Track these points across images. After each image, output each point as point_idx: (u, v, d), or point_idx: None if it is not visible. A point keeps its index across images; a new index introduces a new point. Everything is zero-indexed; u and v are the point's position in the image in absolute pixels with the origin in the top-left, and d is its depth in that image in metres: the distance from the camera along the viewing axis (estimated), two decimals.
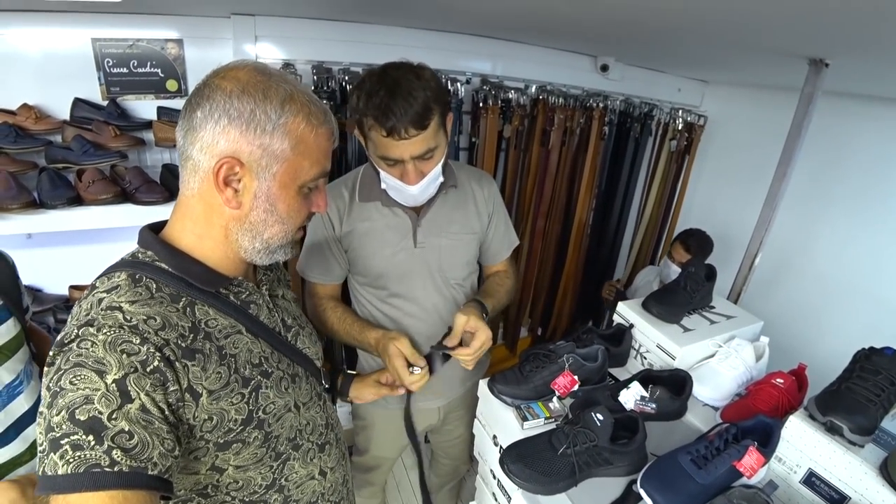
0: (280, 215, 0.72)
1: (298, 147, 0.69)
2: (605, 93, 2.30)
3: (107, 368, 0.57)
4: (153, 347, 0.60)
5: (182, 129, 0.68)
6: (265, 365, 0.76)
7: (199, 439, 0.67)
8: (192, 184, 0.69)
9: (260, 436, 0.74)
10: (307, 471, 0.86)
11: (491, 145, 2.08)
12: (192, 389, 0.64)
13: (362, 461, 1.62)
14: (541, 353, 1.15)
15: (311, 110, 0.70)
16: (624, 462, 0.95)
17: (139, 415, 0.57)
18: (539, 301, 2.60)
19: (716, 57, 1.86)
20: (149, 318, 0.63)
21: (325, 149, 0.74)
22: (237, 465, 0.74)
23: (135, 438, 0.56)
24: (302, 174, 0.71)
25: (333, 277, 1.30)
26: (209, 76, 0.68)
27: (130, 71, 1.71)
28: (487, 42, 2.02)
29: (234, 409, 0.70)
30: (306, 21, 1.75)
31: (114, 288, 0.65)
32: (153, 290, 0.67)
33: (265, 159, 0.67)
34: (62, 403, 0.55)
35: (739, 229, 1.99)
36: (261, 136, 0.66)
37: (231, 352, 0.71)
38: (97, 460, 0.53)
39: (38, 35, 1.57)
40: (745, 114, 2.55)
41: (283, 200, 0.71)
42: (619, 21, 1.40)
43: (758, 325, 1.37)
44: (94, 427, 0.54)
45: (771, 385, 1.13)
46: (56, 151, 1.59)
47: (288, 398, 0.80)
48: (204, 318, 0.70)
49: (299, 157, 0.70)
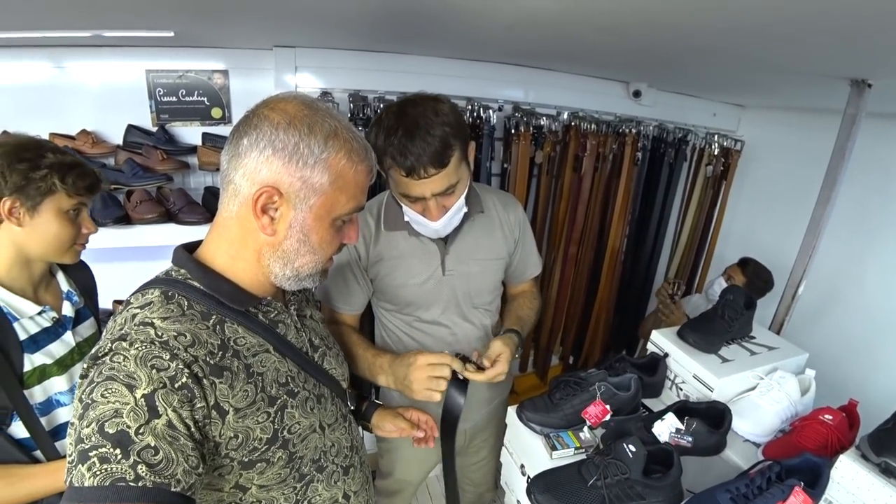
0: (312, 245, 0.73)
1: (337, 182, 0.70)
2: (638, 118, 2.29)
3: (137, 383, 0.58)
4: (182, 364, 0.61)
5: (227, 154, 0.70)
6: (291, 384, 0.76)
7: (224, 457, 0.68)
8: (232, 207, 0.71)
9: (284, 456, 0.74)
10: (331, 493, 0.85)
11: (523, 171, 2.09)
12: (219, 407, 0.65)
13: (386, 485, 1.60)
14: (571, 381, 1.13)
15: (353, 147, 0.71)
16: (658, 498, 0.91)
17: (165, 430, 0.58)
18: (571, 329, 2.55)
19: (752, 81, 1.83)
20: (179, 334, 0.64)
21: (363, 185, 0.75)
22: (261, 484, 0.74)
23: (160, 454, 0.56)
24: (338, 208, 0.73)
25: (356, 306, 1.30)
26: (258, 106, 0.70)
27: (179, 99, 1.82)
28: (519, 70, 2.06)
29: (259, 427, 0.70)
30: (343, 52, 1.83)
31: (147, 304, 0.67)
32: (184, 308, 0.68)
33: (304, 191, 0.69)
34: (92, 416, 0.56)
35: (781, 257, 1.91)
36: (302, 168, 0.67)
37: (258, 370, 0.72)
38: (123, 474, 0.54)
39: (98, 67, 1.70)
40: (783, 138, 2.49)
41: (316, 232, 0.72)
42: (649, 48, 1.40)
43: (802, 357, 1.31)
44: (121, 441, 0.55)
45: (818, 421, 1.07)
46: (109, 174, 1.69)
47: (313, 419, 0.80)
48: (233, 336, 0.71)
49: (337, 192, 0.71)
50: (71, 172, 0.99)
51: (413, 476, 1.56)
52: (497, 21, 1.24)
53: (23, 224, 0.96)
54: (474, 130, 1.98)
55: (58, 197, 0.98)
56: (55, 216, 0.99)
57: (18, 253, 0.98)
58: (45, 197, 0.97)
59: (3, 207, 0.93)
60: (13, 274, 0.98)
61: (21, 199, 0.94)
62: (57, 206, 0.99)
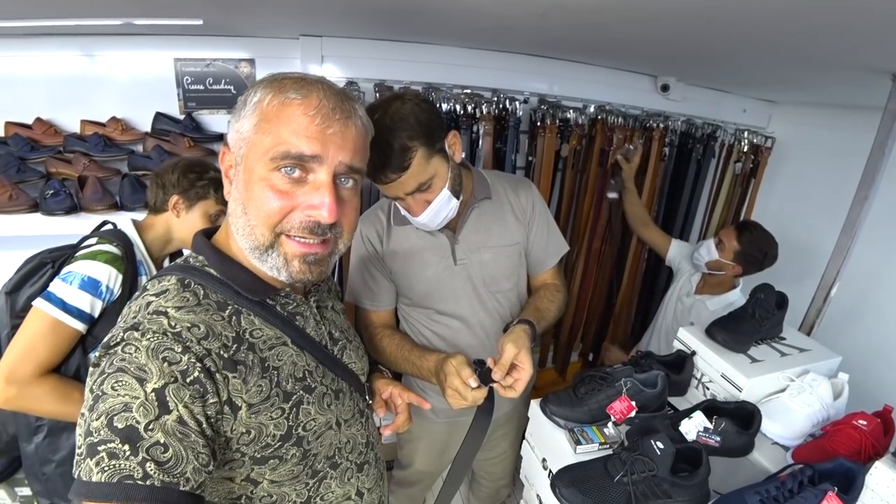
0: (245, 206, 0.65)
1: (260, 124, 0.63)
2: (666, 113, 2.24)
3: (148, 376, 0.55)
4: (194, 357, 0.59)
5: None
6: (308, 379, 0.73)
7: (236, 451, 0.66)
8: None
9: (298, 453, 0.72)
10: (343, 490, 0.82)
11: (548, 165, 2.07)
12: (232, 402, 0.63)
13: (404, 476, 1.61)
14: (597, 376, 1.11)
15: (288, 85, 0.63)
16: (685, 497, 0.89)
17: (176, 427, 0.55)
18: (592, 325, 2.52)
19: (786, 76, 1.78)
20: (193, 325, 0.61)
21: (300, 124, 0.62)
22: (272, 479, 0.71)
23: (169, 451, 0.54)
24: (260, 152, 0.63)
25: (383, 303, 1.30)
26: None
27: (206, 88, 1.84)
28: (545, 62, 2.03)
29: (273, 423, 0.67)
30: (369, 42, 1.82)
31: (163, 292, 0.64)
32: (200, 297, 0.65)
33: (238, 143, 0.65)
34: (102, 408, 0.54)
35: (813, 258, 1.85)
36: (238, 120, 0.65)
37: (274, 364, 0.69)
38: (131, 471, 0.51)
39: (127, 56, 1.73)
40: (817, 135, 2.41)
41: (247, 188, 0.64)
42: (679, 40, 1.37)
43: (835, 360, 1.27)
44: (130, 436, 0.52)
45: (852, 426, 1.03)
46: (137, 160, 1.73)
47: (330, 415, 0.77)
48: (249, 328, 0.68)
49: (259, 135, 0.63)
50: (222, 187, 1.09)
51: (432, 467, 1.57)
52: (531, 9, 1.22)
53: (179, 216, 1.31)
54: (499, 122, 1.96)
55: (208, 202, 1.32)
56: (201, 216, 1.32)
57: (167, 233, 1.33)
58: (199, 200, 1.31)
59: (170, 201, 1.28)
60: (156, 245, 1.31)
61: (183, 198, 1.29)
62: (205, 209, 1.32)
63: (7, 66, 1.64)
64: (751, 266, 1.82)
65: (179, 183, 1.28)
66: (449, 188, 1.09)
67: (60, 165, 1.66)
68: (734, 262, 1.81)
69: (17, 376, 0.99)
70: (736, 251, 1.80)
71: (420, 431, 1.47)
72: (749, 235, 1.80)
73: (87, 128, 1.73)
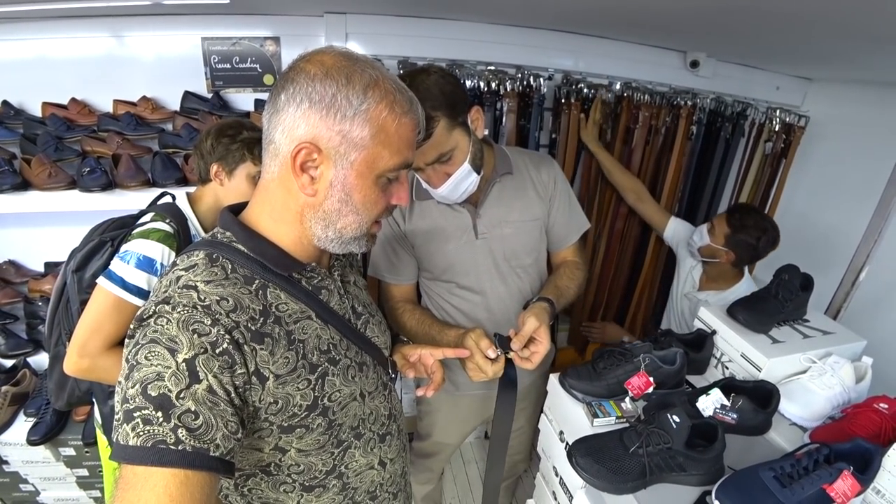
0: (355, 205, 0.70)
1: (379, 136, 0.66)
2: (695, 90, 2.18)
3: (178, 347, 0.58)
4: (223, 330, 0.61)
5: (268, 113, 0.68)
6: (333, 352, 0.76)
7: (264, 420, 0.68)
8: (273, 168, 0.69)
9: (324, 423, 0.74)
10: (367, 460, 0.86)
11: (572, 142, 2.05)
12: (259, 373, 0.65)
13: (423, 447, 1.66)
14: (616, 351, 1.13)
15: (396, 98, 0.67)
16: (699, 470, 0.91)
17: (206, 396, 0.58)
18: (612, 306, 2.51)
19: (826, 50, 1.70)
20: (221, 299, 0.63)
21: (408, 139, 0.71)
22: (299, 448, 0.75)
23: (200, 419, 0.57)
24: (381, 164, 0.69)
25: (405, 277, 1.33)
26: (296, 60, 0.67)
27: (233, 66, 1.87)
28: (571, 38, 1.99)
29: (299, 394, 0.70)
30: (394, 18, 1.82)
31: (192, 266, 0.66)
32: (228, 271, 0.67)
33: (344, 146, 0.65)
34: (137, 377, 0.56)
35: (842, 241, 1.80)
36: (341, 121, 0.64)
37: (300, 337, 0.71)
38: (164, 437, 0.54)
39: (156, 36, 1.77)
40: (854, 114, 2.31)
41: (358, 190, 0.69)
42: (714, 12, 1.32)
43: (859, 344, 1.25)
44: (163, 404, 0.55)
45: (872, 409, 1.03)
46: (167, 138, 1.78)
47: (354, 387, 0.79)
48: (275, 302, 0.70)
49: (379, 146, 0.67)
50: (258, 146, 1.12)
51: (451, 439, 1.61)
52: None
53: (223, 184, 1.29)
54: (523, 99, 1.94)
55: (247, 165, 1.28)
56: (245, 179, 1.29)
57: (217, 202, 1.32)
58: (238, 164, 1.28)
59: (211, 170, 1.28)
60: (209, 216, 1.32)
61: (222, 165, 1.28)
62: (247, 171, 1.29)
63: (42, 48, 1.69)
64: (744, 252, 1.73)
65: (215, 150, 1.27)
66: (469, 162, 1.11)
67: (95, 144, 1.72)
68: (726, 247, 1.73)
69: (87, 350, 1.06)
70: (727, 235, 1.71)
71: (439, 403, 1.51)
72: (739, 218, 1.71)
73: (119, 107, 1.78)
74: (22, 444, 1.78)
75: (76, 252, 1.21)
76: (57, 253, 1.89)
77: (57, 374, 1.25)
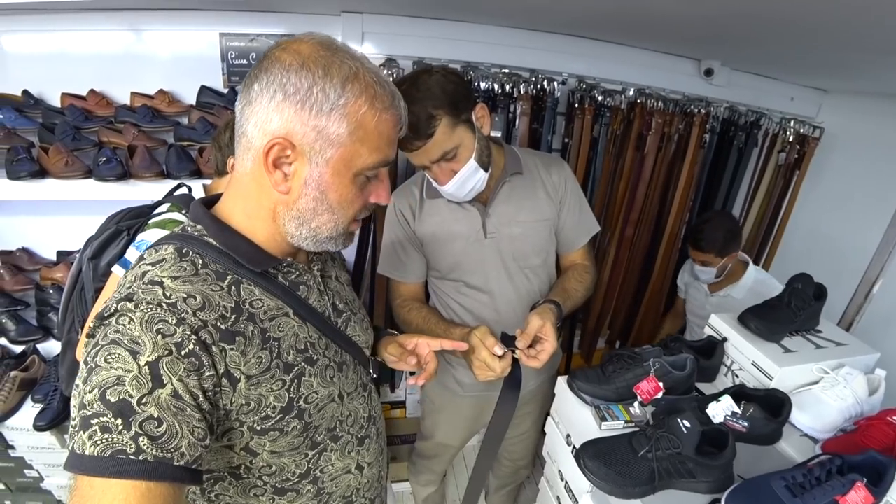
0: (331, 204, 0.67)
1: (357, 132, 0.63)
2: (708, 98, 2.18)
3: (141, 349, 0.54)
4: (189, 330, 0.57)
5: (240, 103, 0.64)
6: (310, 351, 0.72)
7: (235, 420, 0.65)
8: (246, 161, 0.65)
9: (299, 426, 0.71)
10: (343, 464, 0.82)
11: (584, 147, 2.05)
12: (230, 374, 0.61)
13: (426, 447, 1.65)
14: (625, 355, 1.12)
15: (377, 92, 0.64)
16: (708, 477, 0.90)
17: (170, 401, 0.54)
18: (620, 313, 2.50)
19: (843, 61, 1.69)
20: (189, 296, 0.59)
21: (389, 136, 0.67)
22: (272, 450, 0.71)
23: (163, 426, 0.53)
24: (358, 162, 0.65)
25: (413, 276, 1.33)
26: (271, 47, 0.63)
27: (249, 62, 1.89)
28: (585, 43, 1.99)
29: (273, 395, 0.66)
30: (410, 19, 1.83)
31: (159, 261, 0.62)
32: (198, 266, 0.63)
33: (319, 143, 0.62)
34: (95, 381, 0.53)
35: (856, 254, 1.78)
36: (316, 116, 0.61)
37: (275, 335, 0.67)
38: (123, 446, 0.51)
39: (174, 32, 1.79)
40: (870, 127, 2.30)
41: (334, 189, 0.66)
42: (729, 19, 1.31)
43: (873, 356, 1.23)
44: (123, 410, 0.51)
45: (886, 422, 1.01)
46: (183, 131, 1.79)
47: (332, 388, 0.76)
48: (249, 299, 0.66)
49: (357, 144, 0.64)
50: None
51: (454, 440, 1.60)
52: None
53: None
54: (536, 103, 1.94)
55: None
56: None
57: None
58: None
59: (228, 163, 1.23)
60: None
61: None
62: None
63: (63, 40, 1.71)
64: (734, 240, 1.83)
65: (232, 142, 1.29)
66: (476, 159, 1.11)
67: (112, 135, 1.73)
68: (723, 256, 1.83)
69: None
70: (716, 252, 1.81)
71: (444, 403, 1.51)
72: (706, 235, 1.81)
73: (136, 100, 1.80)
74: (28, 430, 1.79)
75: (92, 240, 1.22)
76: (69, 242, 1.91)
77: (69, 361, 1.25)
